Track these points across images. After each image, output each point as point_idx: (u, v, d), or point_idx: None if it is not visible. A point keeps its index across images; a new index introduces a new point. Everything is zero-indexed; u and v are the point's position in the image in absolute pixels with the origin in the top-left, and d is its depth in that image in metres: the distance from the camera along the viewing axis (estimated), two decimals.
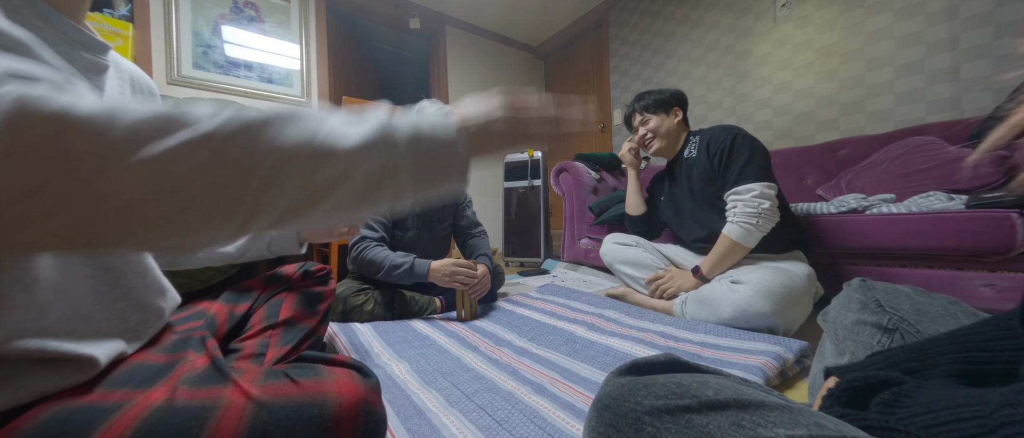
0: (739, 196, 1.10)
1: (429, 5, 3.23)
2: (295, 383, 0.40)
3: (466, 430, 0.60)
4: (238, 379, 0.39)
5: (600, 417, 0.28)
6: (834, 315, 0.54)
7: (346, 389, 0.40)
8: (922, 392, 0.27)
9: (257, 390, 0.38)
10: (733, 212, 1.10)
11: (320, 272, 0.83)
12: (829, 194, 1.62)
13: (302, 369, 0.43)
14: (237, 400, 0.36)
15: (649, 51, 2.92)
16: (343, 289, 1.25)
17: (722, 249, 1.12)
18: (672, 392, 0.25)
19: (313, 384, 0.40)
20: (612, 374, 0.31)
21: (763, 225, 1.07)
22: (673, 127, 1.32)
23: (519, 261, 2.74)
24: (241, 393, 0.37)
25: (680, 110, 1.34)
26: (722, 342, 0.90)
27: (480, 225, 1.56)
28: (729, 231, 1.10)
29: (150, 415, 0.33)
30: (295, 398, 0.38)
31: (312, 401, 0.38)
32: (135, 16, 2.04)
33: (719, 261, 1.13)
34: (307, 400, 0.38)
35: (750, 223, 1.07)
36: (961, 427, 0.22)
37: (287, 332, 0.68)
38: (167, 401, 0.35)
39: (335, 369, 0.43)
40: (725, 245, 1.11)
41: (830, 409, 0.29)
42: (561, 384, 0.74)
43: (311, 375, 0.41)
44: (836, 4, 1.93)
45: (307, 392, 0.39)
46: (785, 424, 0.22)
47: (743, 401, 0.24)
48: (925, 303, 0.46)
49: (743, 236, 1.08)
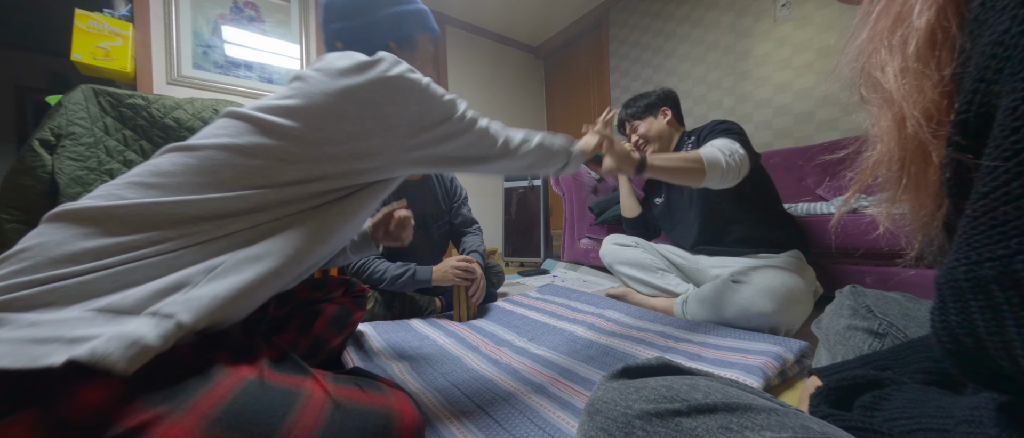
0: (726, 139, 1.02)
1: (429, 5, 3.23)
2: (363, 391, 0.44)
3: (466, 430, 0.60)
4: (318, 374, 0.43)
5: (592, 421, 0.29)
6: (827, 322, 0.55)
7: (407, 410, 0.45)
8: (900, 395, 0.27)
9: (333, 389, 0.41)
10: (714, 143, 0.99)
11: (360, 291, 0.86)
12: (829, 194, 1.62)
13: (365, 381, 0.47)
14: (318, 393, 0.40)
15: (649, 51, 2.92)
16: None
17: (684, 157, 0.95)
18: (662, 396, 0.26)
19: (379, 397, 0.44)
20: (604, 378, 0.32)
21: (730, 170, 0.94)
22: (663, 128, 1.30)
23: (519, 261, 2.74)
24: (321, 388, 0.41)
25: (668, 110, 1.32)
26: (722, 342, 0.91)
27: (475, 222, 1.56)
28: (702, 150, 0.96)
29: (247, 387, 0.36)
30: (365, 405, 0.42)
31: (380, 411, 0.42)
32: (135, 16, 2.05)
33: (673, 168, 0.93)
34: (375, 409, 0.42)
35: (725, 155, 0.95)
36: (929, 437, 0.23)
37: (312, 345, 0.71)
38: (259, 379, 0.38)
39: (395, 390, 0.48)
40: (690, 156, 0.95)
41: (817, 408, 0.30)
42: (561, 384, 0.75)
43: (375, 389, 0.46)
44: (836, 4, 1.93)
45: (375, 403, 0.43)
46: (772, 426, 0.23)
47: (731, 404, 0.25)
48: (914, 308, 0.47)
49: (712, 161, 0.93)
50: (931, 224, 0.23)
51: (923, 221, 0.23)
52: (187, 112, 1.40)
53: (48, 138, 1.16)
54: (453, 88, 3.44)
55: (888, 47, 0.23)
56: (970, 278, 0.18)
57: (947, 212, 0.22)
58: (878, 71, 0.23)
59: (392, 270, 1.23)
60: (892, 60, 0.22)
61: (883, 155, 0.24)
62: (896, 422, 0.25)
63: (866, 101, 0.26)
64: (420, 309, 1.31)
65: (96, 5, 1.89)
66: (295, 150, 0.46)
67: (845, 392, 0.31)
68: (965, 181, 0.20)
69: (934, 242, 0.24)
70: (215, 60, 2.32)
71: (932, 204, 0.23)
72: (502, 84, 3.79)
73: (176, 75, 2.18)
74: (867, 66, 0.24)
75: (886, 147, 0.23)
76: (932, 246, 0.24)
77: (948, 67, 0.20)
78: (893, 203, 0.25)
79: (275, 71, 2.54)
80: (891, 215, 0.26)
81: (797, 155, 1.88)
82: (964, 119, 0.19)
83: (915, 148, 0.22)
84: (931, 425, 0.24)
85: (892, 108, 0.22)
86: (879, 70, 0.23)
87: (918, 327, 0.43)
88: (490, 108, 3.69)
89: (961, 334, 0.19)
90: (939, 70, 0.20)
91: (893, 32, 0.22)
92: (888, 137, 0.23)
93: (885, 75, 0.23)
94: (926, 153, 0.21)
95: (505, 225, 2.82)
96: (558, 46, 3.83)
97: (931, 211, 0.23)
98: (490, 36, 3.68)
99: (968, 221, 0.19)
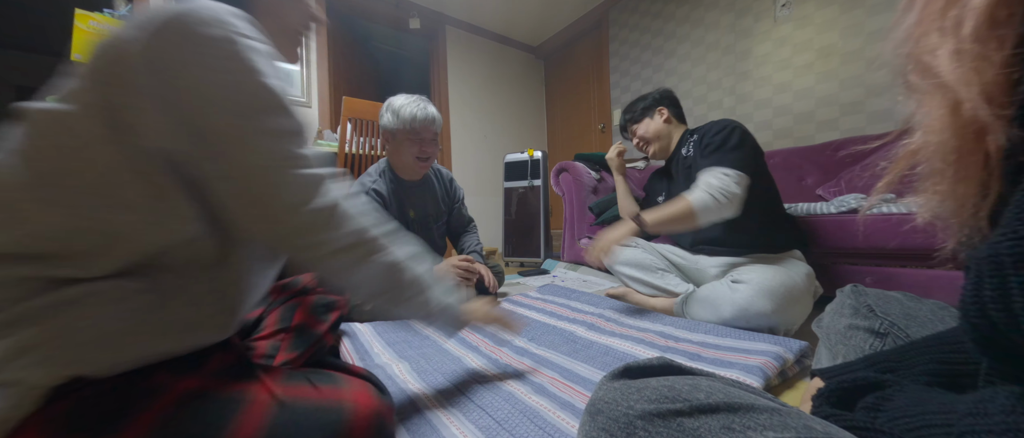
0: (720, 170, 1.04)
1: (429, 5, 3.23)
2: (315, 387, 0.41)
3: (466, 430, 0.60)
4: (263, 377, 0.41)
5: (593, 421, 0.29)
6: (828, 321, 0.55)
7: (362, 400, 0.42)
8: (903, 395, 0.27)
9: (280, 389, 0.39)
10: (706, 182, 1.03)
11: None
12: (829, 194, 1.62)
13: (321, 375, 0.44)
14: (262, 397, 0.38)
15: (649, 51, 2.92)
16: None
17: (676, 210, 1.03)
18: (664, 396, 0.26)
19: (331, 391, 0.42)
20: (605, 378, 0.32)
21: (725, 207, 1.00)
22: (661, 127, 1.32)
23: (519, 261, 2.74)
24: (266, 391, 0.39)
25: (665, 109, 1.33)
26: (722, 342, 0.91)
27: (472, 220, 1.57)
28: (692, 196, 1.02)
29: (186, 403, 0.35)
30: (313, 401, 0.40)
31: (329, 407, 0.40)
32: None
33: (667, 219, 1.04)
34: (324, 405, 0.40)
35: (716, 197, 1.00)
36: (933, 433, 0.23)
37: (297, 338, 0.69)
38: (199, 391, 0.36)
39: (352, 379, 0.45)
40: (681, 207, 1.02)
41: (819, 409, 0.30)
42: (561, 384, 0.75)
43: (329, 382, 0.43)
44: (836, 4, 1.93)
45: (325, 398, 0.41)
46: (774, 426, 0.23)
47: (733, 404, 0.25)
48: (915, 308, 0.47)
49: (703, 206, 1.00)
50: (976, 215, 0.23)
51: (969, 213, 0.23)
52: None
53: None
54: (453, 88, 3.44)
55: (940, 30, 0.22)
56: (1015, 253, 0.18)
57: (994, 201, 0.21)
58: (928, 55, 0.22)
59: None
60: (944, 43, 0.21)
61: (932, 145, 0.23)
62: (899, 421, 0.25)
63: (912, 89, 0.24)
64: None
65: (96, 5, 1.88)
66: None
67: (847, 393, 0.31)
68: None
69: (976, 235, 0.23)
70: None
71: (977, 194, 0.22)
72: (502, 84, 3.79)
73: None
74: (915, 51, 0.23)
75: (937, 136, 0.22)
76: (974, 239, 0.23)
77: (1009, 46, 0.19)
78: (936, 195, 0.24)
79: None
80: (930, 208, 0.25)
81: (797, 155, 1.88)
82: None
83: (972, 134, 0.21)
84: (934, 421, 0.24)
85: (945, 93, 0.21)
86: (930, 54, 0.22)
87: (920, 327, 0.43)
88: (490, 108, 3.69)
89: (993, 309, 0.19)
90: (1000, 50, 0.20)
91: (945, 14, 0.21)
92: (940, 125, 0.22)
93: (937, 59, 0.22)
94: (981, 139, 0.21)
95: (505, 225, 2.82)
96: (558, 46, 3.83)
97: (975, 202, 0.22)
98: (490, 36, 3.68)
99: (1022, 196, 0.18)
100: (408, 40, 3.97)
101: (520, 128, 3.92)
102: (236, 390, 0.38)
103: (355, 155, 1.83)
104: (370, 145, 1.89)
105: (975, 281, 0.20)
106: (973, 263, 0.20)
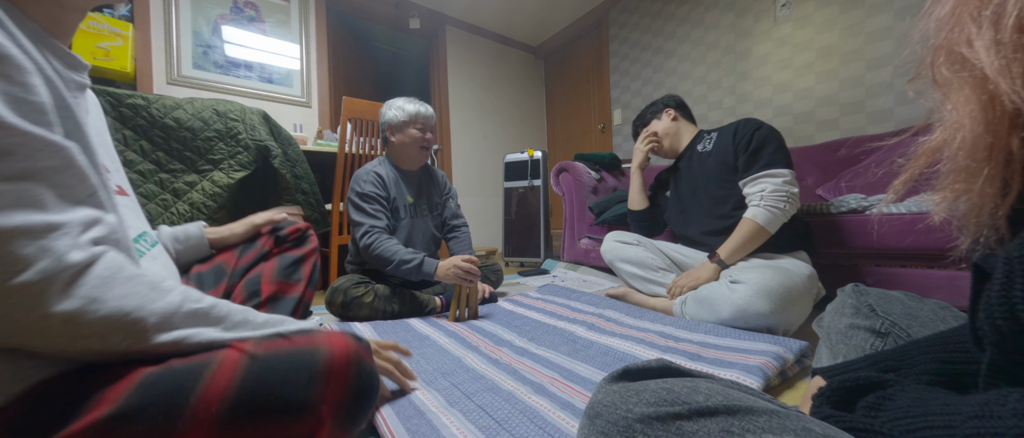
0: (772, 178, 1.10)
1: (429, 5, 3.23)
2: (287, 339, 0.41)
3: (466, 430, 0.60)
4: (234, 342, 0.40)
5: (592, 425, 0.28)
6: (829, 320, 0.55)
7: (337, 342, 0.41)
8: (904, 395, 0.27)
9: (252, 346, 0.38)
10: (760, 195, 1.09)
11: (294, 234, 0.78)
12: (829, 194, 1.62)
13: (296, 331, 0.43)
14: (232, 355, 0.37)
15: (649, 51, 2.92)
16: (343, 281, 1.26)
17: (745, 233, 1.10)
18: (663, 399, 0.26)
19: (304, 339, 0.41)
20: (604, 380, 0.31)
21: (788, 210, 1.07)
22: (669, 125, 1.39)
23: (519, 261, 2.74)
24: (237, 350, 0.38)
25: (672, 109, 1.41)
26: (722, 342, 0.90)
27: (461, 217, 1.60)
28: (754, 214, 1.09)
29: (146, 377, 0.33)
30: (286, 349, 0.39)
31: (304, 351, 0.39)
32: (135, 16, 2.05)
33: (741, 246, 1.12)
34: (298, 350, 0.39)
35: (777, 207, 1.07)
36: (935, 434, 0.23)
37: (275, 308, 0.67)
38: (161, 368, 0.35)
39: (330, 330, 0.44)
40: (749, 229, 1.10)
41: (819, 409, 0.30)
42: (561, 384, 0.75)
43: (301, 333, 0.43)
44: (836, 4, 1.93)
45: (298, 344, 0.40)
46: (773, 429, 0.23)
47: (732, 407, 0.25)
48: (916, 308, 0.46)
49: (769, 220, 1.07)
50: (995, 214, 0.22)
51: (989, 211, 0.22)
52: (187, 112, 1.40)
53: None
54: (453, 88, 3.43)
55: (976, 20, 0.21)
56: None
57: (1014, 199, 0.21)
58: (964, 46, 0.21)
59: (402, 253, 1.22)
60: (982, 34, 0.21)
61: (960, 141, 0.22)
62: (899, 422, 0.25)
63: (941, 84, 0.24)
64: (421, 306, 1.31)
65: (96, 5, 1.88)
66: None
67: (848, 393, 0.30)
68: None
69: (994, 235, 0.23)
70: (215, 60, 2.32)
71: (998, 192, 0.21)
72: (502, 84, 3.79)
73: (176, 75, 2.18)
74: (948, 42, 0.22)
75: (968, 132, 0.22)
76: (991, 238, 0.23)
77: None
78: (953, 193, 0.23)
79: (275, 71, 2.54)
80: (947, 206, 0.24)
81: (797, 155, 1.87)
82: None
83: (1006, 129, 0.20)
84: (936, 423, 0.23)
85: (981, 86, 0.21)
86: (966, 45, 0.21)
87: (921, 326, 0.43)
88: (490, 108, 3.69)
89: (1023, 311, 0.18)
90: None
91: (984, 3, 0.21)
92: (972, 121, 0.21)
93: (974, 50, 0.21)
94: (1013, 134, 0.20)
95: (505, 225, 2.82)
96: (558, 46, 3.83)
97: (995, 201, 0.22)
98: (490, 36, 3.68)
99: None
100: (408, 40, 3.97)
101: (520, 128, 3.92)
102: (204, 358, 0.36)
103: (355, 155, 1.83)
104: (370, 145, 1.89)
105: (1005, 281, 0.19)
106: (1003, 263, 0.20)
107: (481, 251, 3.29)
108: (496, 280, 1.65)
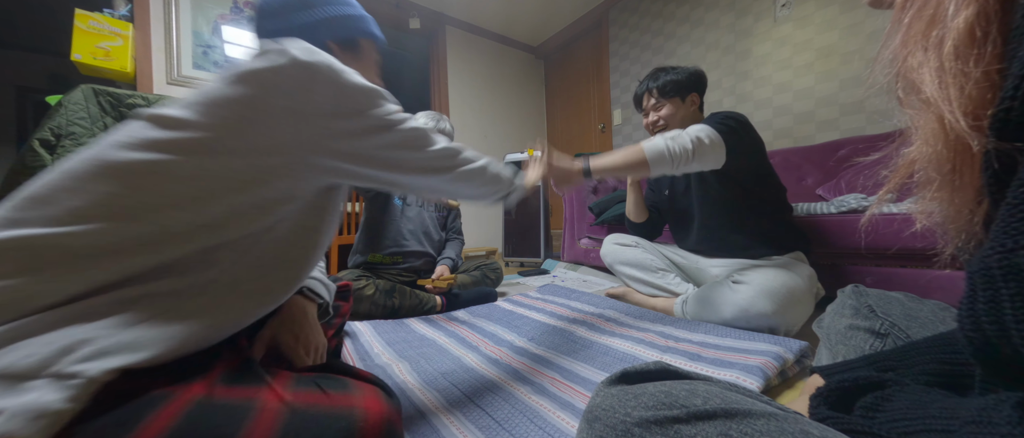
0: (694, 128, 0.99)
1: (429, 5, 3.23)
2: (325, 393, 0.42)
3: (466, 430, 0.60)
4: (272, 382, 0.41)
5: (590, 428, 0.28)
6: (828, 321, 0.55)
7: (372, 405, 0.42)
8: (902, 396, 0.27)
9: (290, 395, 0.39)
10: (669, 134, 0.99)
11: (343, 288, 0.83)
12: (829, 194, 1.62)
13: (330, 380, 0.45)
14: (272, 403, 0.38)
15: (649, 51, 2.92)
16: (344, 274, 1.29)
17: (626, 152, 0.98)
18: (661, 403, 0.26)
19: (342, 397, 0.42)
20: (602, 383, 0.31)
21: (679, 159, 0.94)
22: (688, 117, 1.20)
23: (519, 261, 2.74)
24: (275, 396, 0.39)
25: (698, 97, 1.22)
26: (722, 342, 0.91)
27: (461, 233, 1.70)
28: (646, 141, 0.97)
29: (192, 410, 0.34)
30: (324, 408, 0.40)
31: (340, 413, 0.40)
32: (135, 16, 2.05)
33: (615, 160, 0.98)
34: (335, 412, 0.40)
35: (670, 146, 0.94)
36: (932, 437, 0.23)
37: None
38: (206, 398, 0.36)
39: (361, 384, 0.46)
40: (631, 150, 0.97)
41: (816, 409, 0.30)
42: (561, 384, 0.75)
43: (339, 387, 0.43)
44: (836, 4, 1.93)
45: (335, 404, 0.41)
46: (771, 433, 0.23)
47: (730, 410, 0.25)
48: (916, 309, 0.47)
49: (655, 152, 0.94)
50: (972, 221, 0.23)
51: (966, 219, 0.24)
52: None
53: (48, 138, 1.17)
54: (453, 88, 3.44)
55: (923, 49, 0.23)
56: (1003, 265, 0.18)
57: (988, 208, 0.22)
58: (914, 72, 0.23)
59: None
60: (928, 61, 0.22)
61: (926, 155, 0.24)
62: (897, 424, 0.25)
63: (904, 104, 0.26)
64: (421, 303, 1.32)
65: (96, 5, 1.88)
66: (196, 150, 0.41)
67: (846, 393, 0.31)
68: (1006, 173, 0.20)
69: (973, 240, 0.24)
70: (215, 60, 2.32)
71: (973, 201, 0.23)
72: (502, 84, 3.79)
73: (176, 75, 2.18)
74: (903, 69, 0.24)
75: (931, 149, 0.23)
76: (971, 244, 0.24)
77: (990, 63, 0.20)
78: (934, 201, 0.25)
79: None
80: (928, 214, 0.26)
81: (797, 155, 1.87)
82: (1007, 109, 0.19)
83: (963, 146, 0.22)
84: (934, 426, 0.24)
85: (932, 108, 0.22)
86: (916, 71, 0.23)
87: (920, 327, 0.43)
88: (490, 108, 3.69)
89: (986, 322, 0.19)
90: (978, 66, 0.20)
91: (928, 34, 0.22)
92: (933, 139, 0.23)
93: (921, 76, 0.23)
94: (969, 150, 0.21)
95: (505, 225, 2.82)
96: (558, 46, 3.83)
97: (971, 208, 0.23)
98: (490, 36, 3.68)
99: (1007, 209, 0.19)
100: (408, 40, 3.96)
101: (520, 128, 3.92)
102: (244, 396, 0.38)
103: None
104: None
105: (969, 294, 0.20)
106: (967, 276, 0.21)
107: (481, 251, 3.29)
108: (496, 279, 1.65)
